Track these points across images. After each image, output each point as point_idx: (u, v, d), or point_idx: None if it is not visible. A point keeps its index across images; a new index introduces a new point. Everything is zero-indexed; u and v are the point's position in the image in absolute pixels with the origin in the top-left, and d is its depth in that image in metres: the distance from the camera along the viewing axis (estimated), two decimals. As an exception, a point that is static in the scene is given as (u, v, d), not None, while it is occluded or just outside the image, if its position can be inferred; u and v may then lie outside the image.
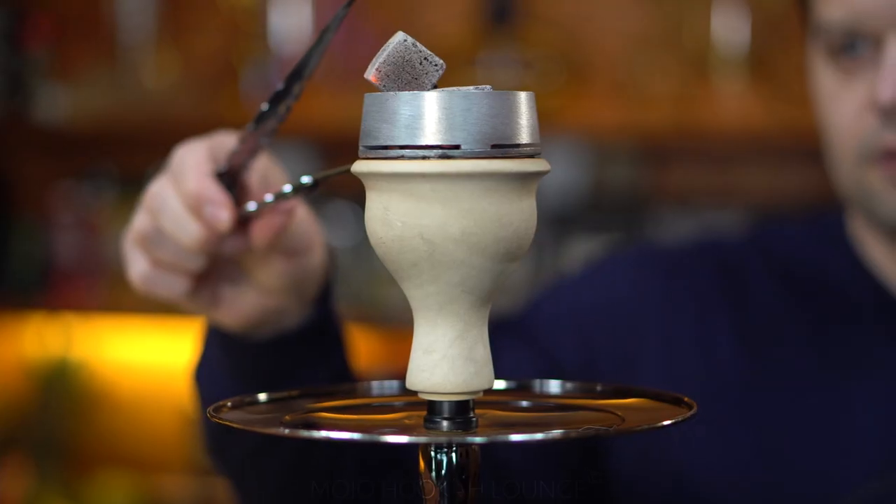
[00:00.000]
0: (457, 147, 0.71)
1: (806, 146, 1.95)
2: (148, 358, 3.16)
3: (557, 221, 2.73)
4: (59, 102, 3.05)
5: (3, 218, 3.18)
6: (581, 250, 2.67)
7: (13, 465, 3.12)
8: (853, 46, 1.19)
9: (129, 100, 2.99)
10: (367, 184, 0.74)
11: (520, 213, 0.73)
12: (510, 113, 0.72)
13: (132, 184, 2.98)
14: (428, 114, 0.71)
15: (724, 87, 2.74)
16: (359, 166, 0.73)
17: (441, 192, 0.71)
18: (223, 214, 0.95)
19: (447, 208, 0.71)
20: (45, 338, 3.16)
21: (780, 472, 1.23)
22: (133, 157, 2.99)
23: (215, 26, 3.07)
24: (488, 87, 0.72)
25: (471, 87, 0.72)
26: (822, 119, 1.25)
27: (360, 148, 0.73)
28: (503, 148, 0.71)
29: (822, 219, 1.36)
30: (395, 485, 1.14)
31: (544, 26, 2.85)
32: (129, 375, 3.18)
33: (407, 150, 0.71)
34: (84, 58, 3.10)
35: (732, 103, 2.72)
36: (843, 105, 1.21)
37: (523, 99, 0.72)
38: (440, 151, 0.71)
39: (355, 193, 2.87)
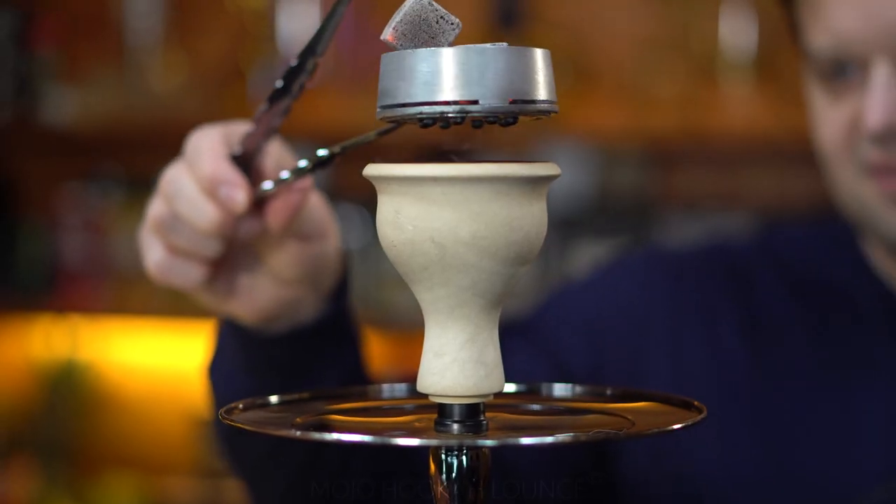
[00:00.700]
0: (475, 102, 0.70)
1: (812, 150, 1.95)
2: (154, 360, 3.17)
3: (564, 224, 2.73)
4: (66, 104, 3.06)
5: (10, 219, 3.18)
6: (587, 253, 2.67)
7: (20, 467, 3.13)
8: (843, 71, 1.20)
9: (136, 102, 3.00)
10: (379, 187, 0.74)
11: (531, 216, 0.73)
12: (527, 69, 0.71)
13: (139, 185, 2.99)
14: (446, 70, 0.70)
15: (730, 90, 2.74)
16: (370, 170, 0.74)
17: (452, 196, 0.71)
18: (239, 195, 0.95)
19: (458, 212, 0.71)
20: (51, 339, 3.17)
21: (786, 476, 1.23)
22: (140, 159, 3.00)
23: (223, 29, 3.07)
24: (505, 43, 0.72)
25: (488, 44, 0.72)
26: (816, 136, 1.26)
27: (378, 109, 0.73)
28: (521, 103, 0.71)
29: (830, 223, 1.36)
30: (395, 485, 1.14)
31: (551, 29, 2.86)
32: (135, 377, 3.19)
33: (425, 107, 0.71)
34: (91, 59, 3.10)
35: (739, 107, 2.72)
36: (833, 125, 1.22)
37: (540, 55, 0.72)
38: (458, 107, 0.70)
39: (362, 197, 2.88)
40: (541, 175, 0.72)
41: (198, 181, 0.96)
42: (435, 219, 0.71)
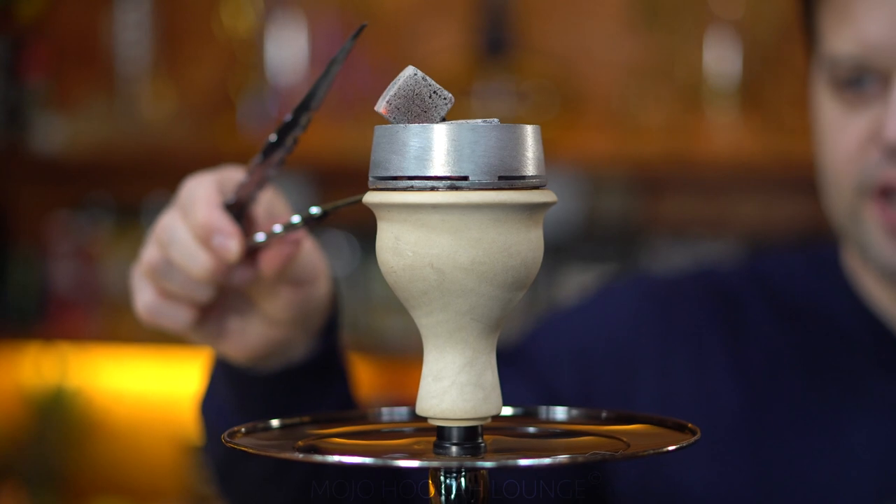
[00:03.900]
0: (465, 178, 0.72)
1: (798, 176, 1.97)
2: (144, 386, 3.17)
3: (551, 251, 2.72)
4: (56, 132, 3.06)
5: (1, 247, 3.19)
6: (575, 280, 2.68)
7: (9, 494, 3.12)
8: (860, 81, 1.19)
9: (126, 130, 3.01)
10: (378, 214, 0.75)
11: (527, 242, 0.74)
12: (517, 146, 0.74)
13: (129, 213, 3.00)
14: (437, 146, 0.72)
15: (716, 117, 2.76)
16: (370, 197, 0.75)
17: (451, 223, 0.73)
18: (232, 244, 0.96)
19: (457, 238, 0.73)
20: (41, 366, 3.17)
21: (775, 499, 1.24)
22: (130, 187, 3.01)
23: (212, 57, 3.08)
24: (495, 120, 0.74)
25: (479, 120, 0.74)
26: (822, 150, 1.25)
27: (370, 179, 0.75)
28: (510, 179, 0.73)
29: (817, 249, 1.37)
30: (394, 485, 1.15)
31: (539, 57, 2.87)
32: (125, 404, 3.19)
33: (416, 181, 0.73)
34: (82, 88, 3.11)
35: (725, 134, 2.74)
36: (845, 137, 1.21)
37: (529, 132, 0.74)
38: (449, 182, 0.72)
39: (352, 224, 2.88)
40: (538, 202, 0.74)
41: (192, 229, 0.98)
42: (434, 245, 0.73)
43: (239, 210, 0.99)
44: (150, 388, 3.15)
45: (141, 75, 3.08)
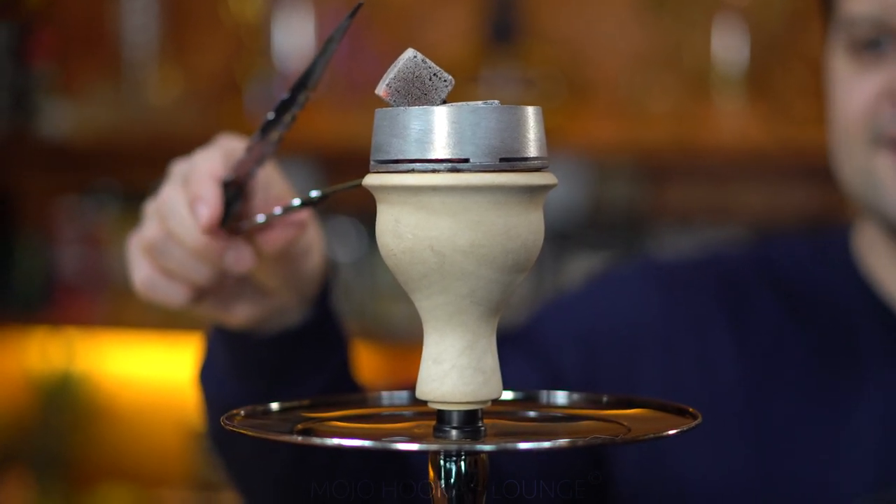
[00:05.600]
0: (466, 160, 0.72)
1: (804, 164, 1.97)
2: (150, 372, 3.17)
3: (557, 238, 2.74)
4: (63, 118, 3.07)
5: (7, 232, 3.19)
6: (580, 267, 2.68)
7: (15, 479, 3.13)
8: (877, 42, 1.20)
9: (132, 115, 3.01)
10: (378, 197, 0.75)
11: (528, 225, 0.74)
12: (518, 127, 0.73)
13: (135, 199, 2.98)
14: (438, 128, 0.72)
15: (723, 105, 2.76)
16: (370, 179, 0.75)
17: (451, 205, 0.72)
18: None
19: (457, 220, 0.72)
20: (47, 352, 3.17)
21: (777, 487, 1.24)
22: (136, 173, 3.01)
23: (219, 42, 3.08)
24: (496, 101, 0.74)
25: (479, 102, 0.73)
26: (834, 108, 1.25)
27: (371, 162, 0.75)
28: (511, 161, 0.73)
29: (825, 235, 1.36)
30: (395, 485, 1.15)
31: (546, 44, 2.87)
32: (130, 389, 3.19)
33: (417, 164, 0.72)
34: (88, 73, 3.11)
35: (731, 121, 2.73)
36: (859, 94, 1.22)
37: (531, 113, 0.74)
38: (450, 165, 0.72)
39: (358, 209, 2.88)
40: (538, 184, 0.74)
41: (188, 201, 0.98)
42: (434, 227, 0.73)
43: (238, 187, 0.99)
44: (157, 373, 3.16)
45: (147, 61, 3.08)
